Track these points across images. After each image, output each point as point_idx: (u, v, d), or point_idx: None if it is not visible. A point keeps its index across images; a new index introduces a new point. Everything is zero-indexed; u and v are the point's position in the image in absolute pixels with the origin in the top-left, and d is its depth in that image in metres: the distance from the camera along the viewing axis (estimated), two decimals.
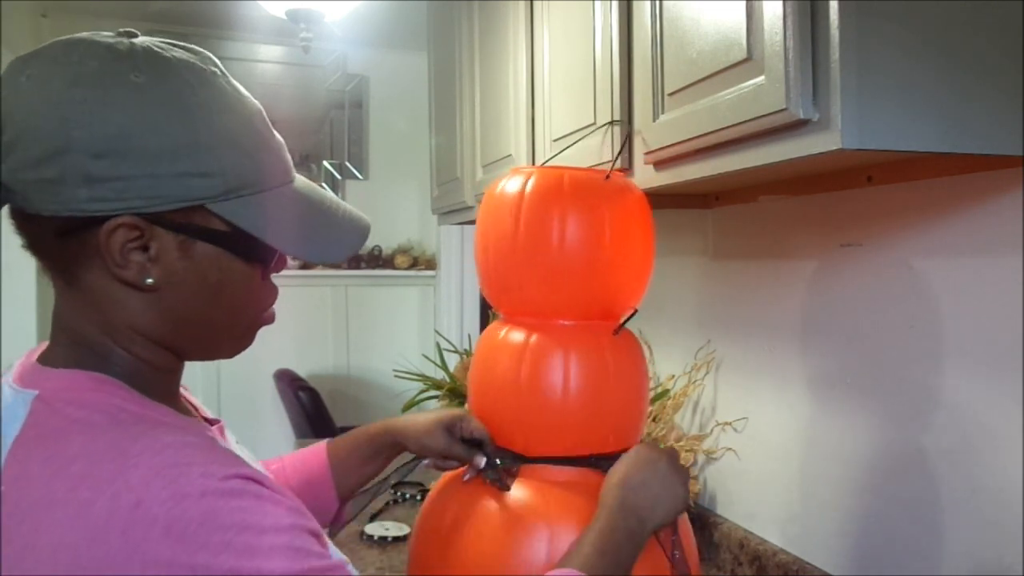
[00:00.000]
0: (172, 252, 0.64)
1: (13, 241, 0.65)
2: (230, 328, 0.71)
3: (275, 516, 0.57)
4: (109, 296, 0.65)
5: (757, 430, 1.37)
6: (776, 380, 1.31)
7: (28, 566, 0.54)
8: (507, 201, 1.00)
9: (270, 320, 0.73)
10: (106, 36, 0.65)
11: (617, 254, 0.98)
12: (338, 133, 3.95)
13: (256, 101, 0.71)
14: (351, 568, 0.62)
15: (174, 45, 0.66)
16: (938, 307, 1.00)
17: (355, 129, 3.97)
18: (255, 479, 0.58)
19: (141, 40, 0.66)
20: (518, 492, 0.96)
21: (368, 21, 3.30)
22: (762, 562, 1.31)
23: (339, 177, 3.92)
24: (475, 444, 1.00)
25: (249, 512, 0.56)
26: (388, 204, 3.88)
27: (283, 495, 0.59)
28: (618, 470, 0.91)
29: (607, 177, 1.01)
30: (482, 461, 0.99)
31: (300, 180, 0.72)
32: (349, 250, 0.73)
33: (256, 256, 0.68)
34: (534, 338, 0.99)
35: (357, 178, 3.96)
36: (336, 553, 0.64)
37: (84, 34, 0.65)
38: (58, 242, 0.64)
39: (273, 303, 0.73)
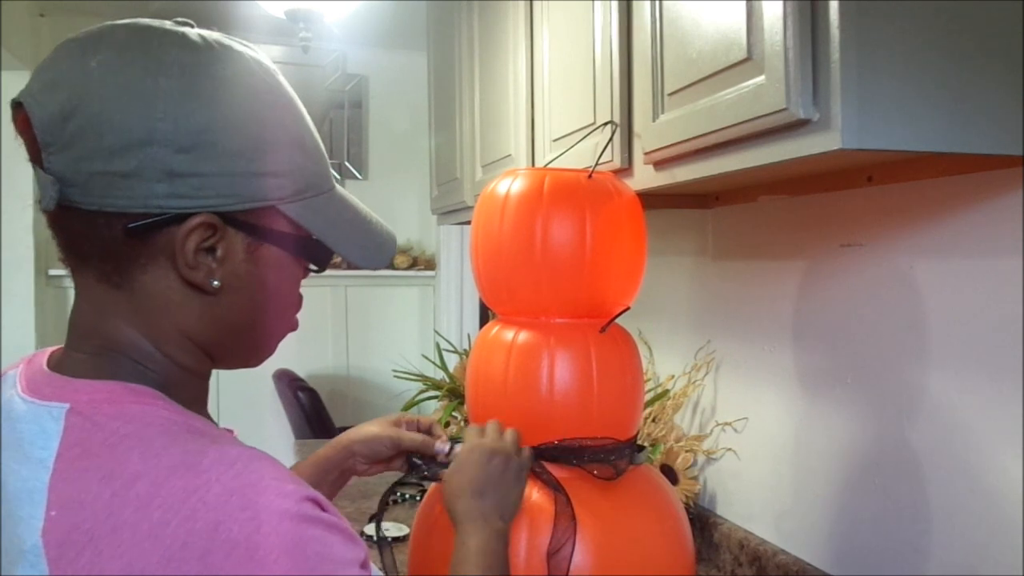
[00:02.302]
0: (239, 254, 0.63)
1: (13, 241, 0.64)
2: (272, 333, 0.69)
3: (342, 548, 0.56)
4: (166, 298, 0.62)
5: (757, 430, 1.37)
6: (776, 380, 1.31)
7: None
8: (494, 203, 1.02)
9: (295, 327, 0.72)
10: (168, 24, 0.62)
11: (601, 253, 0.99)
12: (337, 133, 3.95)
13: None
14: None
15: (233, 39, 0.64)
16: (938, 307, 1.00)
17: (355, 129, 3.97)
18: (318, 501, 0.57)
19: (205, 31, 0.63)
20: None
21: (368, 21, 3.30)
22: (762, 562, 1.31)
23: (339, 177, 3.92)
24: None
25: (323, 543, 0.55)
26: (388, 204, 3.87)
27: (339, 517, 0.58)
28: (454, 483, 0.87)
29: (589, 176, 1.02)
30: (445, 447, 0.98)
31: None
32: (390, 255, 0.72)
33: (316, 260, 0.68)
34: (521, 336, 1.00)
35: (357, 178, 3.96)
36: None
37: (144, 20, 0.61)
38: (118, 241, 0.59)
39: (299, 310, 0.72)
